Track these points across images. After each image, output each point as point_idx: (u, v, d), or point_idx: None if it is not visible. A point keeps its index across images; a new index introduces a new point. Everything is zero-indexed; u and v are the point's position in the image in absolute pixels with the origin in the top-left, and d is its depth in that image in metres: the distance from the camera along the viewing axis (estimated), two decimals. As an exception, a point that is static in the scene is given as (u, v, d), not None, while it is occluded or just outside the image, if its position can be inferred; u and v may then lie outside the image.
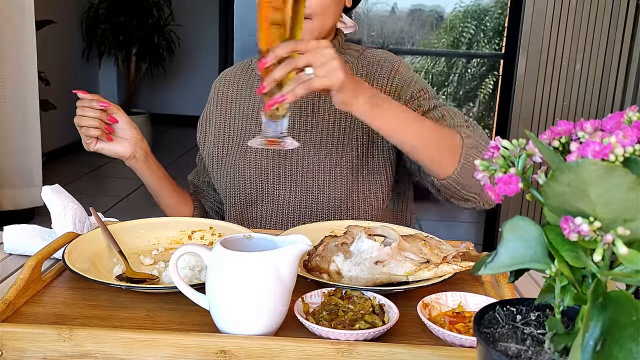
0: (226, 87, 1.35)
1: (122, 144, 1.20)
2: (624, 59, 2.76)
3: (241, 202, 1.27)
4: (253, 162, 1.25)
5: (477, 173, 0.48)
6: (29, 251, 1.03)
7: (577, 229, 0.41)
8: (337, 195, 1.21)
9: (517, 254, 0.46)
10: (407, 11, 3.44)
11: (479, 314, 0.53)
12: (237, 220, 1.29)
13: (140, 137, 1.23)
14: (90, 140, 1.17)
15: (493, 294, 0.88)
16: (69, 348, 0.71)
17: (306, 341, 0.71)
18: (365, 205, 1.23)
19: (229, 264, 0.72)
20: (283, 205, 1.24)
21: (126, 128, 1.20)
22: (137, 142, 1.22)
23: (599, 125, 0.46)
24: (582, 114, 2.81)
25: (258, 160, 1.25)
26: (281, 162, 1.23)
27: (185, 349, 0.71)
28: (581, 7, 2.71)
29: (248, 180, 1.25)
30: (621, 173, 0.38)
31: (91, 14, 5.62)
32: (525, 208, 2.94)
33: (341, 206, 1.22)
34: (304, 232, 0.90)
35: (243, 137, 1.29)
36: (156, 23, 5.75)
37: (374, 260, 0.87)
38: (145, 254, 1.00)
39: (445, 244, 0.96)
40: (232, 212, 1.30)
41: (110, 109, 1.18)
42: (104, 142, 1.18)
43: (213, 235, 1.06)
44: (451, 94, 3.38)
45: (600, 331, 0.40)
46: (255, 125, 1.28)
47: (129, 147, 1.21)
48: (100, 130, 1.16)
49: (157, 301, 0.84)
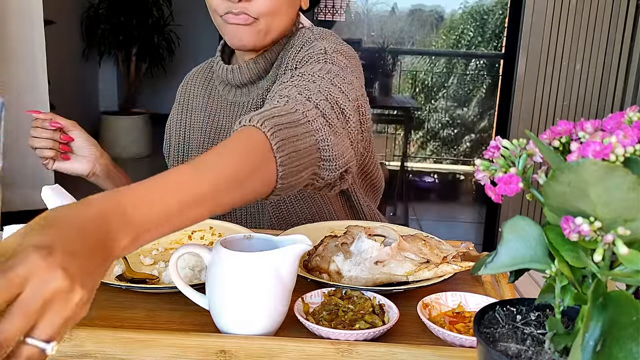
0: (187, 92, 1.32)
1: (80, 162, 1.19)
2: (624, 59, 2.76)
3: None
4: None
5: (477, 173, 0.48)
6: (28, 251, 1.03)
7: (577, 229, 0.41)
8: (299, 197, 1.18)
9: (517, 254, 0.46)
10: (407, 11, 3.44)
11: (479, 314, 0.53)
12: None
13: (100, 153, 1.21)
14: (46, 161, 1.16)
15: (493, 294, 0.88)
16: (69, 348, 0.71)
17: (306, 341, 0.71)
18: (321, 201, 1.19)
19: (229, 264, 0.72)
20: (254, 212, 1.22)
21: (84, 145, 1.19)
22: (96, 158, 1.20)
23: (599, 125, 0.46)
24: (582, 114, 2.81)
25: None
26: None
27: (185, 349, 0.71)
28: (581, 7, 2.71)
29: None
30: (622, 173, 0.38)
31: (91, 14, 5.62)
32: (525, 208, 2.94)
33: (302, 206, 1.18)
34: (304, 232, 0.90)
35: (200, 150, 1.26)
36: (156, 23, 5.75)
37: (374, 260, 0.87)
38: (145, 254, 1.00)
39: (445, 244, 0.96)
40: None
41: (65, 127, 1.16)
42: (61, 162, 1.18)
43: (213, 235, 1.06)
44: (451, 94, 3.38)
45: (600, 331, 0.40)
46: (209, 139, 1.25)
47: (87, 165, 1.19)
48: (54, 150, 1.15)
49: (157, 301, 0.84)
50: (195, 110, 1.30)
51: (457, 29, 3.29)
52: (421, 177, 3.98)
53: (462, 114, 3.36)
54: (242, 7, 1.07)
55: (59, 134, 1.16)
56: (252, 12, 1.08)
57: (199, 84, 1.31)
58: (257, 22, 1.09)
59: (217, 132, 1.25)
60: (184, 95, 1.33)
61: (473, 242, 1.06)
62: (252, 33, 1.10)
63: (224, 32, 1.12)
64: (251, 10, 1.07)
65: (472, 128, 3.45)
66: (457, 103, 3.34)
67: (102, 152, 1.22)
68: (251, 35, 1.10)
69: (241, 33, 1.10)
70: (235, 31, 1.10)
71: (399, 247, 0.89)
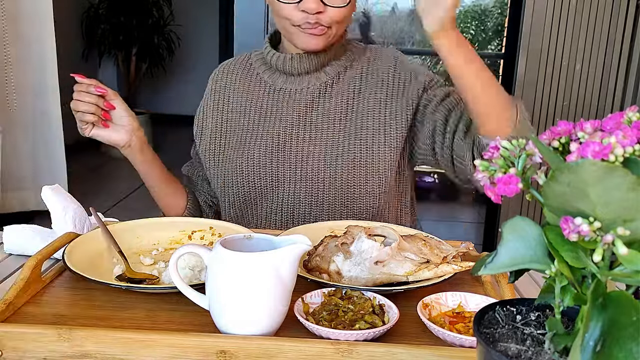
0: (224, 79, 1.35)
1: (118, 131, 1.20)
2: (624, 59, 2.75)
3: (239, 200, 1.27)
4: (251, 157, 1.25)
5: (477, 173, 0.48)
6: (29, 251, 1.03)
7: (577, 229, 0.41)
8: (338, 188, 1.21)
9: (517, 254, 0.46)
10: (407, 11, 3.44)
11: (479, 314, 0.53)
12: (235, 220, 1.28)
13: (137, 126, 1.22)
14: (85, 126, 1.17)
15: (493, 294, 0.88)
16: (69, 348, 0.71)
17: (306, 341, 0.71)
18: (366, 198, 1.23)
19: (229, 264, 0.72)
20: (284, 202, 1.24)
21: (123, 115, 1.20)
22: (134, 130, 1.21)
23: (599, 125, 0.46)
24: (582, 114, 2.81)
25: (256, 156, 1.25)
26: (280, 157, 1.23)
27: (185, 349, 0.71)
28: (581, 7, 2.71)
29: (246, 177, 1.25)
30: (621, 173, 0.38)
31: (91, 14, 5.63)
32: (525, 208, 2.94)
33: (342, 200, 1.22)
34: (304, 232, 0.90)
35: (240, 133, 1.29)
36: (156, 23, 5.75)
37: (374, 260, 0.87)
38: (145, 254, 1.00)
39: (445, 244, 0.96)
40: (231, 212, 1.30)
41: (108, 96, 1.17)
42: (99, 129, 1.18)
43: (213, 235, 1.06)
44: (451, 94, 3.38)
45: (600, 331, 0.40)
46: (251, 122, 1.28)
47: (125, 135, 1.20)
48: (96, 116, 1.15)
49: (157, 301, 0.84)
50: (235, 94, 1.32)
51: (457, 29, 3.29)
52: (421, 177, 3.97)
53: (462, 114, 3.37)
54: (316, 17, 1.15)
55: (102, 100, 1.16)
56: (325, 22, 1.16)
57: (237, 73, 1.34)
58: (329, 30, 1.19)
59: (262, 115, 1.28)
60: (219, 82, 1.35)
61: (473, 242, 1.06)
62: (323, 40, 1.19)
63: (296, 37, 1.20)
64: (324, 20, 1.16)
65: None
66: (457, 103, 3.35)
67: (139, 125, 1.23)
68: (322, 42, 1.20)
69: (315, 41, 1.19)
70: (309, 39, 1.19)
71: (399, 247, 0.89)
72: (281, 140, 1.24)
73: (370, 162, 1.22)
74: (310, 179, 1.22)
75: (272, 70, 1.30)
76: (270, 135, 1.25)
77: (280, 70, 1.28)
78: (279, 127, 1.25)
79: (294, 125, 1.25)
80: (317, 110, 1.25)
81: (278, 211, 1.25)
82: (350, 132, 1.23)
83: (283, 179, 1.24)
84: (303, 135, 1.24)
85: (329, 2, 1.15)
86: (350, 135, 1.22)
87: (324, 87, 1.26)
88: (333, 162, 1.21)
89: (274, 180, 1.24)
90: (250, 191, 1.25)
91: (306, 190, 1.23)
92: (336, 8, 1.16)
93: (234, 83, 1.33)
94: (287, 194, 1.24)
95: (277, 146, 1.24)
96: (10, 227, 1.06)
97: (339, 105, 1.25)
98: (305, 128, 1.24)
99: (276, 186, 1.24)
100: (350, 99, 1.25)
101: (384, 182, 1.24)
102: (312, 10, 1.13)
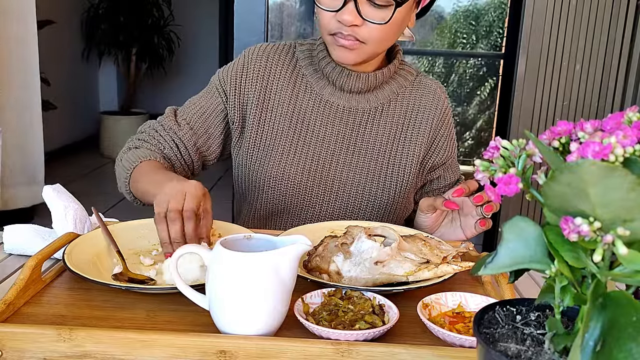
0: (268, 67, 1.25)
1: None
2: (624, 59, 2.75)
3: (269, 205, 1.26)
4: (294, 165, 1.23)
5: (477, 173, 0.48)
6: (29, 251, 1.03)
7: (577, 229, 0.41)
8: (361, 215, 1.25)
9: (517, 254, 0.46)
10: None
11: (479, 314, 0.53)
12: (257, 224, 1.28)
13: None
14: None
15: (493, 294, 0.88)
16: (68, 348, 0.71)
17: (306, 341, 0.71)
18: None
19: (229, 264, 0.72)
20: (309, 220, 1.25)
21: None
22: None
23: (599, 125, 0.46)
24: (582, 114, 2.81)
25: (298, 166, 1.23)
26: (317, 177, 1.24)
27: (185, 349, 0.71)
28: (581, 7, 2.71)
29: (281, 187, 1.23)
30: (621, 173, 0.38)
31: (91, 14, 5.63)
32: (525, 208, 2.94)
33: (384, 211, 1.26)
34: (304, 232, 0.90)
35: (283, 138, 1.24)
36: (156, 23, 5.75)
37: (374, 261, 0.87)
38: (145, 254, 1.00)
39: (445, 244, 0.96)
40: (256, 215, 1.28)
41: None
42: None
43: (213, 236, 1.06)
44: (451, 94, 3.38)
45: (600, 331, 0.40)
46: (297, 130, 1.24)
47: None
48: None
49: (157, 301, 0.84)
50: (279, 91, 1.24)
51: (457, 29, 3.29)
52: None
53: (462, 114, 3.36)
54: (352, 30, 1.10)
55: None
56: (361, 37, 1.11)
57: (281, 65, 1.26)
58: (363, 46, 1.13)
59: (307, 125, 1.24)
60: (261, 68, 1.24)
61: (473, 242, 1.06)
62: (355, 56, 1.14)
63: (331, 48, 1.17)
64: (361, 35, 1.11)
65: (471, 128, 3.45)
66: (457, 103, 3.34)
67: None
68: (354, 57, 1.14)
69: (346, 55, 1.14)
70: (341, 52, 1.14)
71: (399, 248, 0.89)
72: (321, 159, 1.23)
73: (397, 195, 1.26)
74: (340, 204, 1.25)
75: (319, 75, 1.24)
76: (312, 150, 1.23)
77: (328, 79, 1.23)
78: (321, 144, 1.24)
79: (337, 145, 1.24)
80: (364, 136, 1.24)
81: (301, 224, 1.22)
82: (388, 164, 1.25)
83: (315, 198, 1.24)
84: (344, 159, 1.24)
85: (367, 16, 1.08)
86: (388, 167, 1.25)
87: (373, 111, 1.24)
88: (366, 193, 1.24)
89: (304, 198, 1.24)
90: (281, 201, 1.25)
91: (333, 212, 1.25)
92: (375, 25, 1.09)
93: (278, 77, 1.25)
94: (314, 214, 1.25)
95: (317, 163, 1.23)
96: (11, 227, 1.06)
97: (385, 136, 1.25)
98: (347, 152, 1.24)
99: (305, 204, 1.25)
100: (396, 131, 1.26)
101: (403, 214, 1.31)
102: (347, 23, 1.08)
